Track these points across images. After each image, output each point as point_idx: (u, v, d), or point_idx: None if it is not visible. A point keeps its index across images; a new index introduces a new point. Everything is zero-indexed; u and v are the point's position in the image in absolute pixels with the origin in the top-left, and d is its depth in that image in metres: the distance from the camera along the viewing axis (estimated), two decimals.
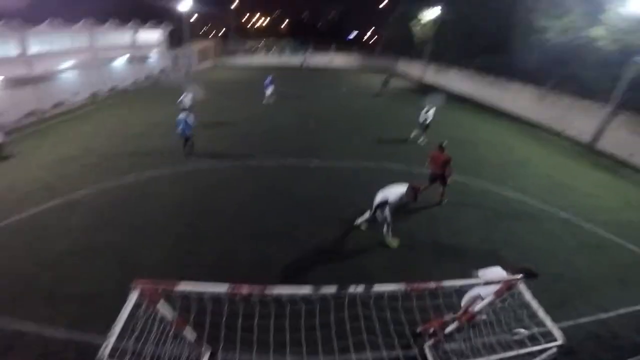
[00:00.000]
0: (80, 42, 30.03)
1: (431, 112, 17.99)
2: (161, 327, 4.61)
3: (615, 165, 17.64)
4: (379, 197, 9.00)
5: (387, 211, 9.02)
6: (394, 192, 8.80)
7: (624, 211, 12.42)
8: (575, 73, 23.24)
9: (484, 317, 6.40)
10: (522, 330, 5.57)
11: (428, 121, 18.02)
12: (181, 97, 19.66)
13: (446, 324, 5.60)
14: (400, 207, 9.45)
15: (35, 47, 24.53)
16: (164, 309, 4.37)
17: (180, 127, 14.75)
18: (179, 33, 47.59)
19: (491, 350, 5.36)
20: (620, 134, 19.26)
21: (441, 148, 11.75)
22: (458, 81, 39.01)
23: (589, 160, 18.06)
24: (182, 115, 14.73)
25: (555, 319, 4.28)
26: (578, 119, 22.34)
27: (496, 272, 5.61)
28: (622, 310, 7.66)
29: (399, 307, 4.85)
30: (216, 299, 4.14)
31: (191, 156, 15.29)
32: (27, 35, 23.43)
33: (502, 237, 10.28)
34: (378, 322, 5.11)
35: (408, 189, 8.61)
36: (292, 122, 21.72)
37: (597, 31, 19.84)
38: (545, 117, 25.25)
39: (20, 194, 11.65)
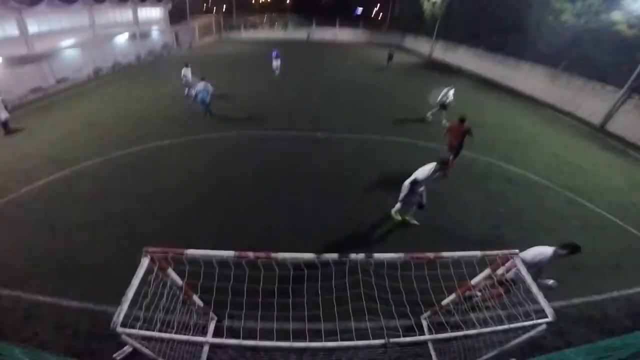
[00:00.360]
0: (80, 21, 30.01)
1: (451, 92, 17.81)
2: (170, 295, 4.89)
3: (625, 147, 17.64)
4: (407, 182, 8.85)
5: (420, 189, 8.90)
6: (422, 170, 8.64)
7: (629, 193, 12.50)
8: (589, 55, 23.01)
9: (478, 294, 6.67)
10: (550, 281, 5.86)
11: (448, 101, 17.86)
12: (183, 72, 19.84)
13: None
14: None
15: (34, 26, 24.64)
16: (173, 277, 4.64)
17: (200, 95, 15.25)
18: (181, 9, 47.29)
19: (484, 323, 5.61)
20: (631, 117, 19.22)
21: (462, 120, 12.29)
22: (467, 59, 38.58)
23: (598, 141, 18.07)
24: (201, 85, 15.16)
25: (548, 297, 4.40)
26: (589, 101, 22.25)
27: (541, 250, 6.10)
28: (615, 293, 7.86)
29: (397, 276, 5.09)
30: (223, 265, 4.38)
31: (211, 119, 15.94)
32: (25, 15, 23.50)
33: (504, 213, 10.48)
34: (377, 289, 5.37)
35: (438, 162, 8.42)
36: (298, 96, 21.84)
37: (615, 16, 19.67)
38: (556, 98, 25.14)
39: (28, 167, 11.95)
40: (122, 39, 32.34)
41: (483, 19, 34.88)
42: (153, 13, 43.01)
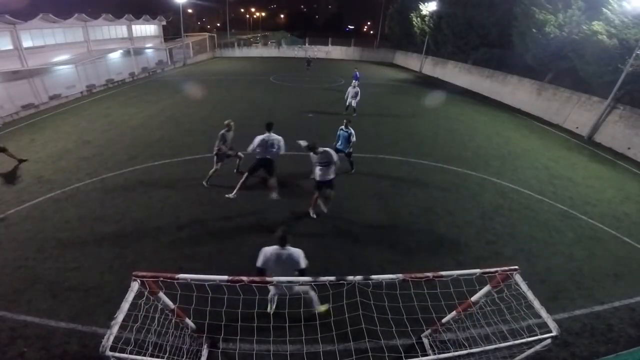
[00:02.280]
0: (74, 36, 30.08)
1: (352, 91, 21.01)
2: (162, 318, 4.70)
3: (613, 158, 17.78)
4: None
5: None
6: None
7: (621, 204, 12.54)
8: (573, 67, 23.48)
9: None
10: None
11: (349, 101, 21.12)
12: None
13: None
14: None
15: (28, 41, 24.59)
16: (164, 300, 4.44)
17: None
18: (175, 26, 47.59)
19: (487, 340, 5.47)
20: (618, 127, 19.48)
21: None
22: (456, 74, 39.25)
23: (586, 153, 18.18)
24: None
25: (550, 311, 4.34)
26: (576, 113, 22.61)
27: None
28: (617, 303, 7.76)
29: (397, 296, 4.93)
30: (216, 289, 4.20)
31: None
32: (19, 29, 23.46)
33: (499, 229, 10.36)
34: (376, 310, 5.20)
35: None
36: (292, 113, 21.73)
37: (596, 26, 19.94)
38: (543, 111, 25.53)
39: (17, 187, 11.65)
40: (116, 55, 32.26)
41: (470, 34, 35.52)
42: (147, 30, 43.28)
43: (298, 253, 5.70)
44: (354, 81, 21.85)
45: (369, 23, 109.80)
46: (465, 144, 17.60)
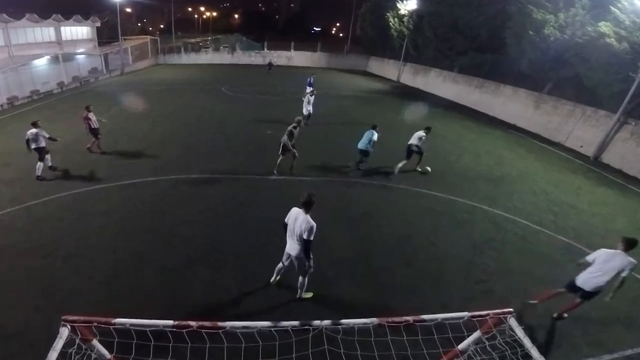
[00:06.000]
0: None
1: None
2: None
3: (623, 181, 18.05)
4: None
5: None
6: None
7: (631, 234, 12.41)
8: (577, 74, 23.76)
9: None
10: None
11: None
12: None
13: None
14: None
15: None
16: (99, 349, 4.40)
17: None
18: (111, 28, 47.39)
19: None
20: (629, 146, 19.60)
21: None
22: (440, 84, 39.88)
23: (592, 176, 18.46)
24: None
25: None
26: (580, 129, 22.89)
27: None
28: (629, 351, 7.76)
29: (371, 343, 4.97)
30: (161, 334, 4.19)
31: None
32: None
33: (490, 264, 10.42)
34: None
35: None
36: (246, 130, 21.93)
37: (603, 27, 20.06)
38: (542, 126, 25.87)
39: None
40: (42, 61, 31.81)
41: (456, 36, 35.89)
42: (79, 32, 43.03)
43: (311, 225, 7.09)
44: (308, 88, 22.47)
45: (338, 24, 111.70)
46: (451, 166, 18.00)
